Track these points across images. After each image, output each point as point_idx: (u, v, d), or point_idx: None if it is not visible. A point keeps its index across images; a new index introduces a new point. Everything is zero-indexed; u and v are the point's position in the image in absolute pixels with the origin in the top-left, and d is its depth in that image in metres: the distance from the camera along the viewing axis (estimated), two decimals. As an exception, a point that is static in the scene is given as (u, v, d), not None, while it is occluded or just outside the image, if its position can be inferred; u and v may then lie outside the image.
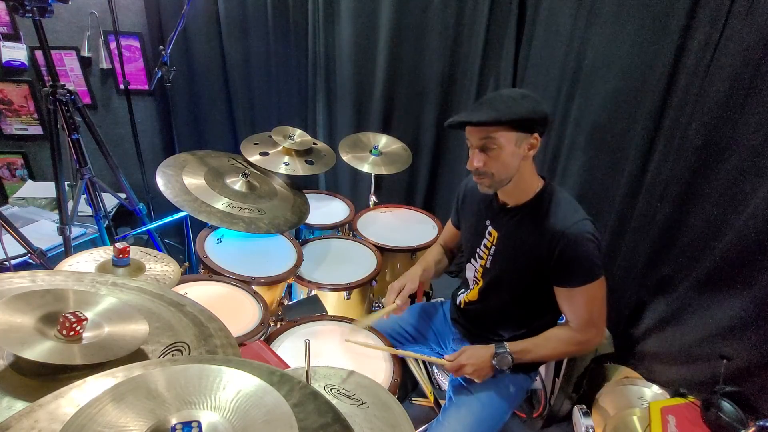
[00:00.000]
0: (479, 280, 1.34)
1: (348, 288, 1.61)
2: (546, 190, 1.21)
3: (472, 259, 1.36)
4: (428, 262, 1.52)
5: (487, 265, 1.30)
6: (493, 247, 1.27)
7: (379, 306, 1.85)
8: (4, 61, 2.32)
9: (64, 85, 1.65)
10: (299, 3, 2.41)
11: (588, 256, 1.11)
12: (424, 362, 1.72)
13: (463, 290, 1.43)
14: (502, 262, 1.26)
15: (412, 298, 1.39)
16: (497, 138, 1.09)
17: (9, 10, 2.27)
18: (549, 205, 1.18)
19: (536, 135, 1.13)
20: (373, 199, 2.29)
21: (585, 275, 1.12)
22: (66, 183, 1.83)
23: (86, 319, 0.70)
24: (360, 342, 1.27)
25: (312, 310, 1.50)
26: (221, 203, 1.54)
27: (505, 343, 1.22)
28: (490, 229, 1.29)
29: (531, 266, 1.18)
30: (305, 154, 1.96)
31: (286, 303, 1.58)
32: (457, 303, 1.44)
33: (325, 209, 2.17)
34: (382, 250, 1.83)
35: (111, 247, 1.07)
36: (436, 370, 1.62)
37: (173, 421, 0.51)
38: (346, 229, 2.10)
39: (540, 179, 1.22)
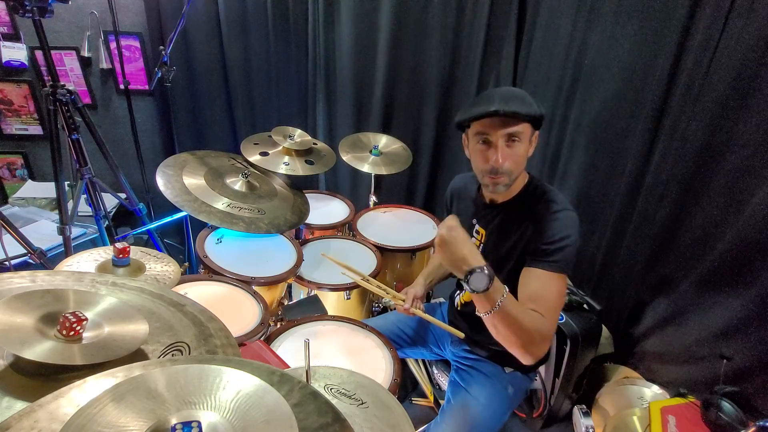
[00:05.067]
0: None
1: (348, 288, 1.61)
2: (532, 184, 1.22)
3: None
4: (433, 267, 1.55)
5: None
6: (482, 245, 1.27)
7: (379, 306, 1.85)
8: (4, 61, 2.32)
9: (64, 85, 1.65)
10: (299, 3, 2.41)
11: (572, 242, 1.10)
12: (424, 363, 1.72)
13: (458, 291, 1.44)
14: (490, 259, 1.26)
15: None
16: (522, 132, 1.09)
17: (9, 10, 2.27)
18: (536, 197, 1.19)
19: (536, 133, 1.15)
20: (373, 199, 2.29)
21: (563, 261, 1.09)
22: (66, 183, 1.83)
23: (86, 319, 0.70)
24: (338, 261, 1.46)
25: (312, 310, 1.50)
26: (221, 203, 1.54)
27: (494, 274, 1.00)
28: (477, 227, 1.29)
29: (519, 259, 1.17)
30: (305, 154, 1.96)
31: (286, 303, 1.58)
32: (455, 305, 1.44)
33: (325, 209, 2.17)
34: (382, 250, 1.83)
35: (111, 247, 1.07)
36: (435, 371, 1.62)
37: (173, 421, 0.51)
38: (346, 229, 2.10)
39: (525, 174, 1.23)
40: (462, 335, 1.25)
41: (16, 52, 2.33)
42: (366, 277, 1.51)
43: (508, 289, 0.99)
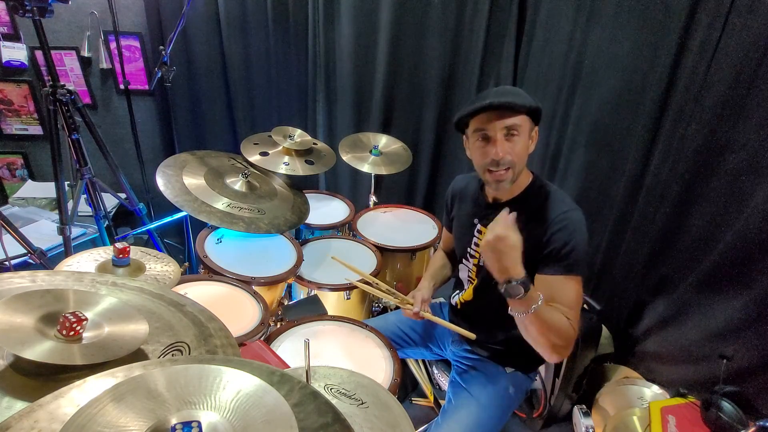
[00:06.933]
0: (474, 279, 1.34)
1: (348, 288, 1.61)
2: (536, 183, 1.22)
3: (464, 259, 1.37)
4: (435, 269, 1.54)
5: (481, 263, 1.30)
6: None
7: (379, 306, 1.85)
8: (4, 61, 2.32)
9: (64, 85, 1.65)
10: (299, 3, 2.41)
11: (581, 243, 1.10)
12: (424, 363, 1.72)
13: (457, 291, 1.43)
14: None
15: None
16: (520, 125, 1.10)
17: (9, 10, 2.27)
18: (541, 196, 1.19)
19: (536, 129, 1.16)
20: (373, 199, 2.29)
21: (575, 263, 1.10)
22: (66, 183, 1.83)
23: (86, 319, 0.70)
24: (345, 263, 1.44)
25: (312, 310, 1.50)
26: (221, 203, 1.54)
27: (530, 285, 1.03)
28: (479, 227, 1.29)
29: (527, 259, 1.17)
30: (305, 154, 1.96)
31: (286, 303, 1.58)
32: (453, 304, 1.44)
33: (325, 209, 2.17)
34: (382, 250, 1.83)
35: (111, 247, 1.07)
36: (436, 371, 1.62)
37: (173, 421, 0.51)
38: (346, 229, 2.10)
39: (529, 173, 1.23)
40: (473, 336, 1.25)
41: (16, 52, 2.33)
42: (373, 280, 1.50)
43: (542, 298, 1.02)
